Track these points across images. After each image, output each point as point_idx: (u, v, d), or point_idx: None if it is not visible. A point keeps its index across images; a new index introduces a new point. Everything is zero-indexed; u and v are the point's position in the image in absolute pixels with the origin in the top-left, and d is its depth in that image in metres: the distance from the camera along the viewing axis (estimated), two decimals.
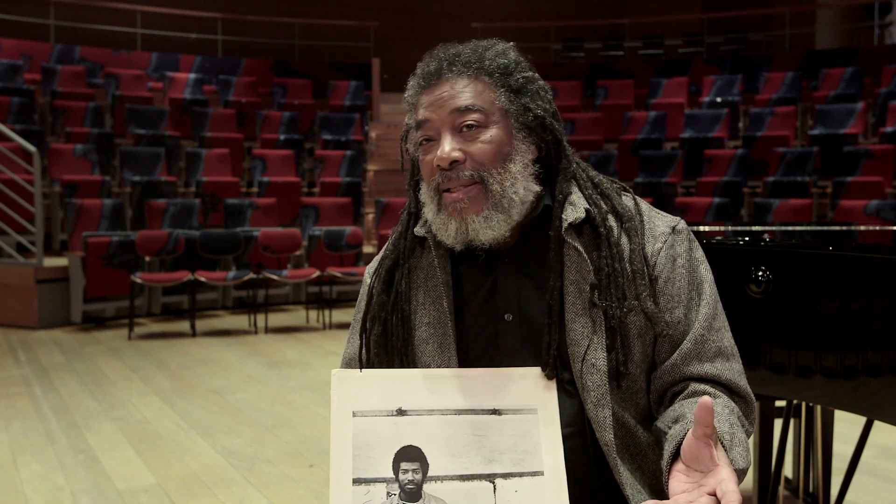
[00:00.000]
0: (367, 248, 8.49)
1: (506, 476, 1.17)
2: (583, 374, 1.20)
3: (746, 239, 2.14)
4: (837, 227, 2.99)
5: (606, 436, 1.18)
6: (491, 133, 1.21)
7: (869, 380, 1.78)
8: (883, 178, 8.29)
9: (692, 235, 1.30)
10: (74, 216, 7.36)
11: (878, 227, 3.18)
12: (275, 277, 7.09)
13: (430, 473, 1.17)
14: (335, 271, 7.32)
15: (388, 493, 1.16)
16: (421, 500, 1.16)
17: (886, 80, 10.30)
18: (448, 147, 1.20)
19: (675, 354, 1.23)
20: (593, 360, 1.19)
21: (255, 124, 10.45)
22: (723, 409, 1.18)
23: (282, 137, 10.12)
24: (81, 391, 4.91)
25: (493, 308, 1.26)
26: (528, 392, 1.21)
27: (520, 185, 1.22)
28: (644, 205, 1.31)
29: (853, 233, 2.72)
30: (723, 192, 8.78)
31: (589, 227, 1.25)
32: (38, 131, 8.79)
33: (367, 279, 1.39)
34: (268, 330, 6.95)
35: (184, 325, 7.05)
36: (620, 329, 1.20)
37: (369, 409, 1.20)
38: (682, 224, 1.29)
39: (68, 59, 10.99)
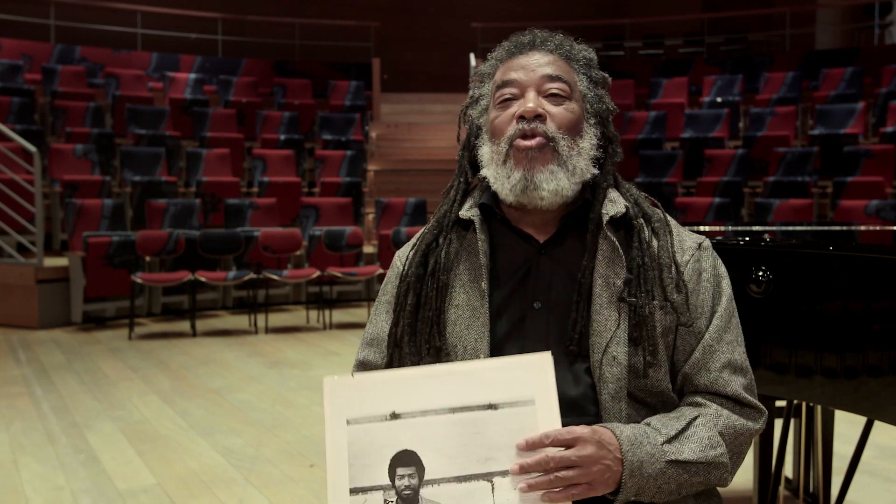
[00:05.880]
0: (368, 248, 8.48)
1: (504, 473, 1.15)
2: (602, 364, 1.24)
3: (747, 239, 2.14)
4: (838, 227, 2.99)
5: None
6: (572, 106, 1.32)
7: (869, 380, 1.78)
8: (883, 178, 8.28)
9: (716, 253, 1.37)
10: (75, 216, 7.36)
11: (878, 227, 3.18)
12: (275, 277, 7.09)
13: (426, 477, 1.16)
14: (335, 271, 7.32)
15: (385, 500, 1.15)
16: None
17: (886, 80, 10.28)
18: (535, 101, 1.30)
19: (686, 364, 1.29)
20: (615, 353, 1.24)
21: (256, 124, 10.44)
22: (704, 417, 1.25)
23: (282, 137, 10.11)
24: (82, 391, 4.90)
25: (523, 294, 1.31)
26: (525, 382, 1.17)
27: (583, 161, 1.31)
28: (672, 219, 1.39)
29: (853, 233, 2.72)
30: (723, 192, 8.77)
31: (624, 226, 1.32)
32: (38, 131, 8.79)
33: (397, 262, 1.43)
34: (268, 330, 6.95)
35: (184, 325, 7.05)
36: (648, 322, 1.25)
37: (363, 415, 1.19)
38: (707, 242, 1.37)
39: (68, 59, 10.98)
